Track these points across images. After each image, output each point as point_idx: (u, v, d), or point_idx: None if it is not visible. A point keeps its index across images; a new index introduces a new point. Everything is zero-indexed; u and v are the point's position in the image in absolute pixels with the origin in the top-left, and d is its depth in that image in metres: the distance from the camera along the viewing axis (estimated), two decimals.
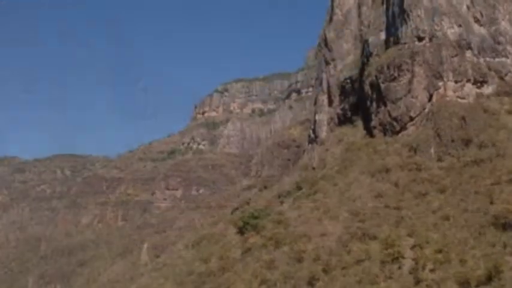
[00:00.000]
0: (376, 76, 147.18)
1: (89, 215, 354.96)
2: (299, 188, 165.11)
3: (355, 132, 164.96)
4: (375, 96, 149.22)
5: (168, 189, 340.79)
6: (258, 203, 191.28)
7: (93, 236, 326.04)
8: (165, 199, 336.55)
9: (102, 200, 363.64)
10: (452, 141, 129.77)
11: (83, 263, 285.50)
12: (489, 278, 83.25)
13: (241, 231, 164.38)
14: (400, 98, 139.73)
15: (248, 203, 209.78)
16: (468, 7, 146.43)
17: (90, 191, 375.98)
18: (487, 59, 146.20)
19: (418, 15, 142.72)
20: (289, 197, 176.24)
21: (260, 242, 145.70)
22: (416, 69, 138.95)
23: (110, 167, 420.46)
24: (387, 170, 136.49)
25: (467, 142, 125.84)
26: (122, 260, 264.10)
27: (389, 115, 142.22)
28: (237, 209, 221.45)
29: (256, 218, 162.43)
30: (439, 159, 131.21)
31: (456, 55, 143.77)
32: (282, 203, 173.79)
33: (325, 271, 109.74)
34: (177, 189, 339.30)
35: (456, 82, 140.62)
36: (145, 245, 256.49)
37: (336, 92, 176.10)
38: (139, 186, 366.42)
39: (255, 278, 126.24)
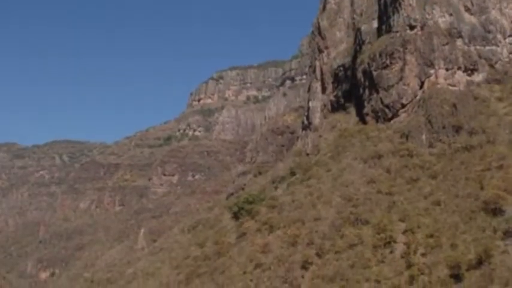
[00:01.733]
0: (368, 64, 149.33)
1: (87, 200, 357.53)
2: (293, 174, 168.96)
3: (348, 118, 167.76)
4: (367, 83, 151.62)
5: (164, 174, 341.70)
6: (252, 189, 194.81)
7: (91, 220, 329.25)
8: (161, 184, 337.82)
9: (99, 185, 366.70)
10: (444, 127, 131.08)
11: (81, 247, 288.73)
12: (479, 262, 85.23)
13: (236, 216, 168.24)
14: (392, 86, 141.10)
15: (243, 189, 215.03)
16: None
17: (88, 177, 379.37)
18: (478, 47, 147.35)
19: (410, 4, 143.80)
20: (283, 182, 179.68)
21: (255, 226, 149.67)
22: (408, 57, 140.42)
23: (107, 153, 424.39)
24: (379, 156, 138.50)
25: (458, 129, 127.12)
26: (119, 244, 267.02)
27: (382, 102, 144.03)
28: (232, 194, 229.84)
29: (250, 203, 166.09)
30: (431, 146, 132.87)
31: (447, 43, 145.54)
32: (276, 188, 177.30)
33: (318, 255, 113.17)
34: (173, 175, 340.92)
35: (447, 70, 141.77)
36: (142, 230, 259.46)
37: (329, 80, 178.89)
38: (137, 172, 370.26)
39: (249, 261, 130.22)
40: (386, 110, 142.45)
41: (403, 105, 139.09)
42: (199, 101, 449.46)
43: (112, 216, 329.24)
